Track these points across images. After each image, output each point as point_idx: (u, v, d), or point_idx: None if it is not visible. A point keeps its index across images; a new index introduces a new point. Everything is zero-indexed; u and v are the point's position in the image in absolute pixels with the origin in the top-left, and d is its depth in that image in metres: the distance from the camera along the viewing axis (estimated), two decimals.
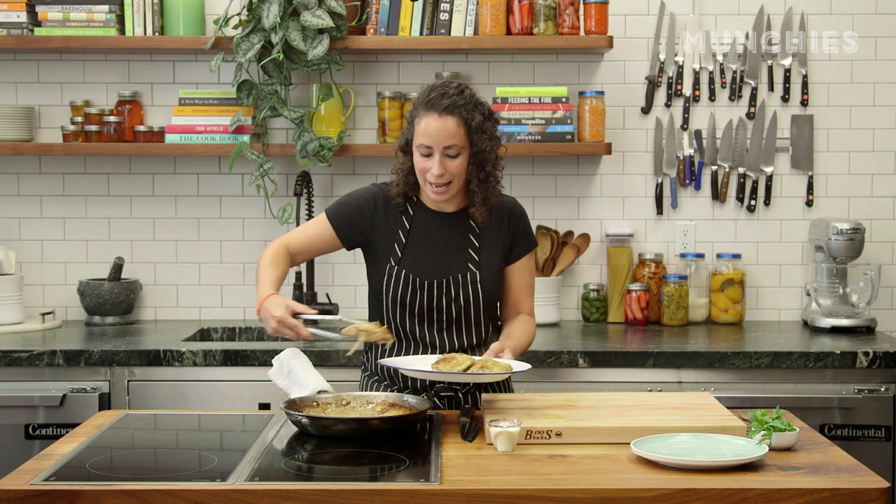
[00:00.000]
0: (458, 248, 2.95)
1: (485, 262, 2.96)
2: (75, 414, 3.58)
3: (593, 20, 4.04)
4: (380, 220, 2.96)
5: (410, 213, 2.97)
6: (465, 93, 2.85)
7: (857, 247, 4.03)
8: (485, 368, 2.69)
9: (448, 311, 2.93)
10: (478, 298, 2.94)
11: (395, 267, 2.93)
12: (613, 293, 4.24)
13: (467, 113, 2.83)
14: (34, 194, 4.27)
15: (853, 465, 2.40)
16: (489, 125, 2.88)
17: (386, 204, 2.97)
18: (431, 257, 2.94)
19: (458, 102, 2.82)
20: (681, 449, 2.42)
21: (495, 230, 2.98)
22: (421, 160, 2.86)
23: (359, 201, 2.99)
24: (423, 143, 2.83)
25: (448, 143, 2.82)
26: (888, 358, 3.61)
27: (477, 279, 2.94)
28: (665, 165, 4.28)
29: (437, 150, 2.83)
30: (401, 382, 2.98)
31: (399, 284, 2.92)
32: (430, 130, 2.82)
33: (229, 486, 2.23)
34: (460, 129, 2.82)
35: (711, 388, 3.59)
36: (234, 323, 4.21)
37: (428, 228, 2.96)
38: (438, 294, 2.92)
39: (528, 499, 2.22)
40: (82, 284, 4.14)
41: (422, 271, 2.92)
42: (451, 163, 2.84)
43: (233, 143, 4.07)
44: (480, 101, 2.88)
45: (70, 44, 4.02)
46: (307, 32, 3.96)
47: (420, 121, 2.84)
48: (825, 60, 4.26)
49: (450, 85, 2.86)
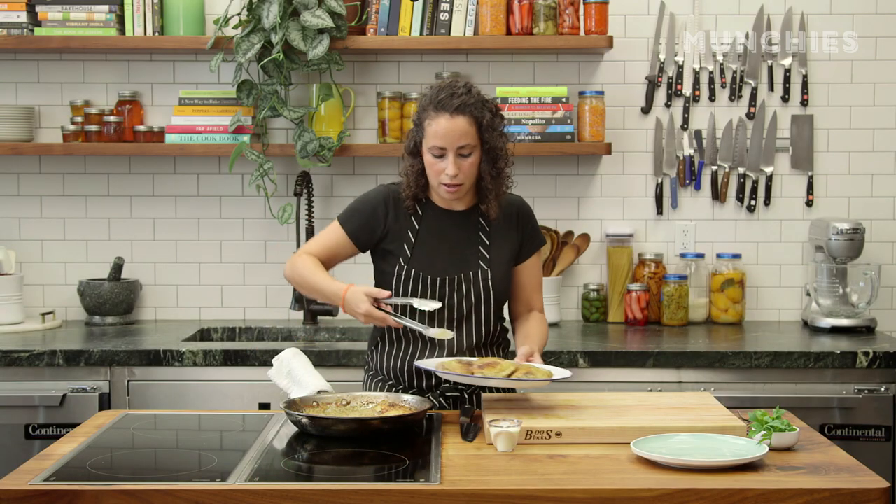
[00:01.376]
0: (469, 246, 2.96)
1: (495, 259, 2.96)
2: (75, 414, 3.58)
3: (593, 20, 4.04)
4: (391, 220, 2.96)
5: (420, 212, 2.98)
6: (473, 91, 2.87)
7: (857, 247, 4.03)
8: (529, 374, 2.69)
9: (459, 308, 2.94)
10: (489, 295, 2.95)
11: (405, 266, 2.93)
12: (613, 293, 4.24)
13: (478, 111, 2.85)
14: (34, 194, 4.27)
15: (853, 465, 2.40)
16: (498, 122, 2.90)
17: (396, 204, 2.97)
18: (442, 255, 2.94)
19: (468, 102, 2.84)
20: (681, 449, 2.42)
21: (504, 228, 2.99)
22: (434, 161, 2.86)
23: (372, 203, 2.99)
24: (437, 144, 2.83)
25: (462, 143, 2.83)
26: (888, 358, 3.61)
27: (488, 276, 2.94)
28: (665, 165, 4.28)
29: (451, 151, 2.83)
30: (406, 382, 2.98)
31: (409, 282, 2.93)
32: (443, 131, 2.82)
33: (229, 486, 2.23)
34: (472, 128, 2.84)
35: (711, 388, 3.59)
36: (234, 323, 4.21)
37: (438, 227, 2.97)
38: (450, 291, 2.92)
39: (528, 499, 2.22)
40: (82, 284, 4.14)
41: (432, 269, 2.93)
42: (465, 162, 2.85)
43: (233, 143, 4.07)
44: (487, 99, 2.90)
45: (70, 44, 4.02)
46: (307, 32, 3.95)
47: (431, 122, 2.84)
48: (825, 60, 4.26)
49: (457, 85, 2.87)
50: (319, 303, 4.10)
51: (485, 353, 2.99)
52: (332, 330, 4.10)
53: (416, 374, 2.96)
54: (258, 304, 4.28)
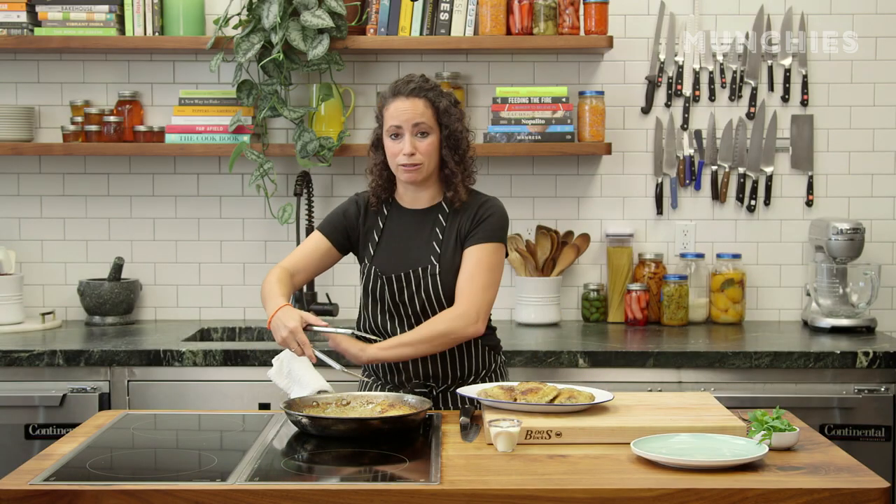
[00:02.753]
0: (425, 243, 2.99)
1: (446, 254, 2.97)
2: (75, 414, 3.58)
3: (593, 20, 4.04)
4: (361, 222, 3.05)
5: (385, 212, 3.04)
6: (430, 81, 2.97)
7: (857, 247, 4.03)
8: (572, 398, 2.69)
9: (412, 304, 2.97)
10: (438, 290, 2.95)
11: (369, 265, 3.01)
12: (613, 293, 4.24)
13: (434, 96, 2.94)
14: (34, 194, 4.27)
15: (853, 465, 2.40)
16: (456, 111, 2.97)
17: (366, 207, 3.06)
18: (399, 253, 2.99)
19: (423, 86, 2.94)
20: (681, 449, 2.42)
21: (464, 222, 2.98)
22: (392, 144, 2.93)
23: (343, 208, 3.10)
24: (393, 124, 2.91)
25: (417, 121, 2.90)
26: (888, 358, 3.61)
27: (436, 271, 2.96)
28: (665, 165, 4.28)
29: (407, 130, 2.91)
30: (381, 379, 3.03)
31: (371, 281, 3.00)
32: (398, 111, 2.91)
33: (229, 486, 2.23)
34: (428, 110, 2.92)
35: (711, 388, 3.59)
36: (234, 323, 4.21)
37: (399, 226, 3.02)
38: (399, 288, 2.96)
39: (528, 499, 2.22)
40: (82, 284, 4.14)
41: (388, 267, 2.98)
42: (422, 143, 2.91)
43: (233, 143, 4.07)
44: (446, 91, 2.98)
45: (70, 44, 4.02)
46: (307, 32, 3.95)
47: (388, 107, 2.94)
48: (825, 60, 4.25)
49: (414, 75, 2.98)
50: (319, 302, 4.10)
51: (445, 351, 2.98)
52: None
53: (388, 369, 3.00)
54: (258, 304, 4.28)
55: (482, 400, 2.73)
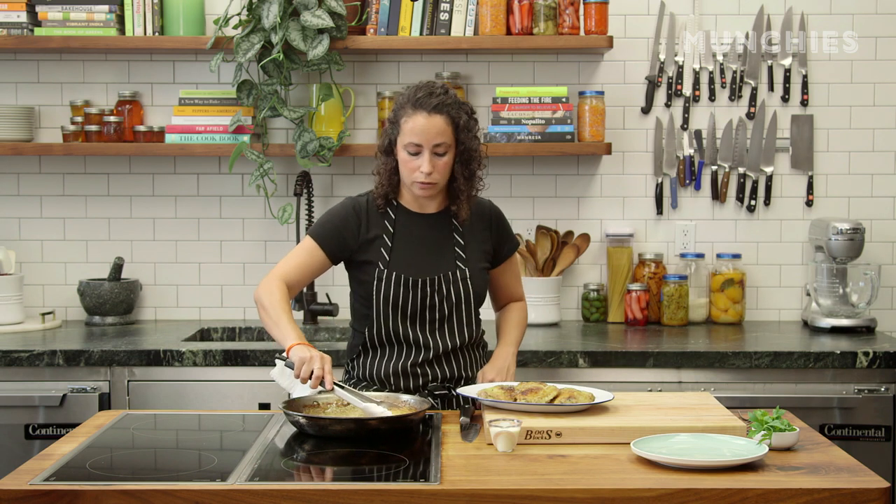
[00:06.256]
0: (445, 247, 2.99)
1: (471, 259, 3.00)
2: (75, 414, 3.58)
3: (593, 20, 4.04)
4: (363, 230, 2.98)
5: (392, 216, 3.00)
6: (450, 93, 2.93)
7: (857, 247, 4.03)
8: (572, 398, 2.69)
9: (440, 309, 2.95)
10: (469, 295, 2.98)
11: (385, 269, 2.95)
12: (613, 293, 4.24)
13: (455, 112, 2.90)
14: (34, 194, 4.27)
15: (853, 465, 2.40)
16: (473, 124, 2.96)
17: (368, 213, 2.99)
18: (419, 257, 2.97)
19: (445, 101, 2.89)
20: (681, 449, 2.42)
21: (478, 229, 3.04)
22: (409, 159, 2.90)
23: (342, 215, 3.00)
24: (413, 141, 2.87)
25: (438, 141, 2.87)
26: (888, 358, 3.61)
27: (467, 276, 2.97)
28: (665, 165, 4.28)
29: (427, 148, 2.87)
30: (392, 386, 2.99)
31: (390, 286, 2.94)
32: (420, 129, 2.86)
33: (229, 486, 2.23)
34: (448, 128, 2.89)
35: (711, 388, 3.59)
36: (234, 323, 4.21)
37: (412, 229, 2.99)
38: (431, 292, 2.94)
39: (528, 499, 2.22)
40: (82, 284, 4.14)
41: (412, 271, 2.95)
42: (439, 161, 2.89)
43: (233, 143, 4.07)
44: (463, 101, 2.96)
45: (70, 44, 4.02)
46: (307, 32, 3.95)
47: (408, 120, 2.88)
48: (825, 60, 4.26)
49: (435, 85, 2.93)
50: (319, 302, 4.10)
51: (466, 355, 3.01)
52: (332, 330, 4.10)
53: (403, 375, 2.97)
54: None
55: (482, 400, 2.73)
